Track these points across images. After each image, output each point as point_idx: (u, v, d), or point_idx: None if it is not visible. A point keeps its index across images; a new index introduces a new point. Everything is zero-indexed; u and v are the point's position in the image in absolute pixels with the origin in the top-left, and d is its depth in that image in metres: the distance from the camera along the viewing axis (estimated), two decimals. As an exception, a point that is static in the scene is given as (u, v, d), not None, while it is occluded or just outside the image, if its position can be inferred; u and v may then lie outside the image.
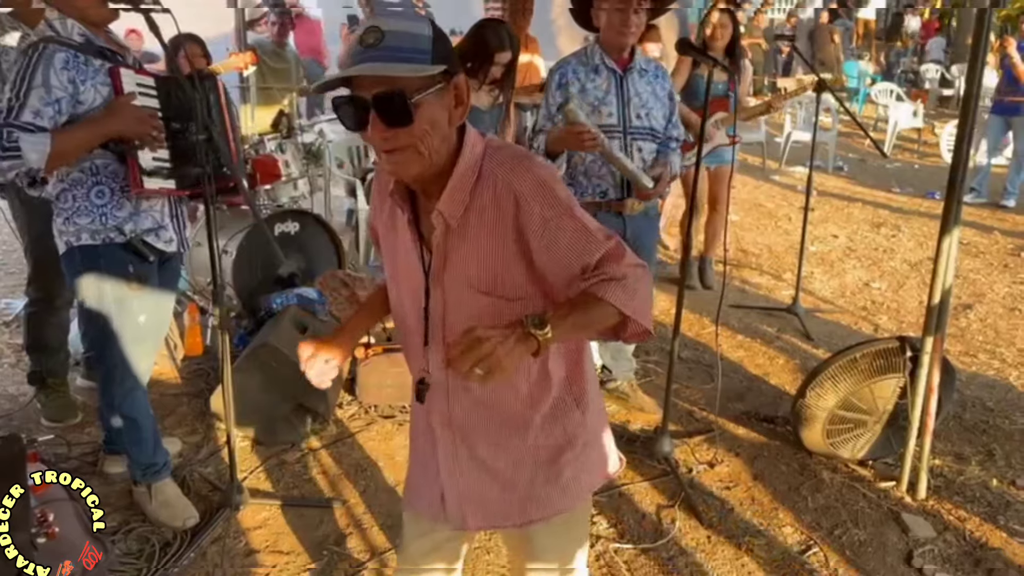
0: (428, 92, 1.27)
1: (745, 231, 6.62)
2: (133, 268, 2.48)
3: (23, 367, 3.65)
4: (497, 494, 1.57)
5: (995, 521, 2.83)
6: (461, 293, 1.42)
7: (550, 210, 1.34)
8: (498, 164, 1.36)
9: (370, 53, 1.24)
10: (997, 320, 4.81)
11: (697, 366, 4.04)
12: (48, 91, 2.19)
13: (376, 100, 1.25)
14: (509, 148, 1.41)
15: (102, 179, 2.40)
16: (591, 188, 3.07)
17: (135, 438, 2.69)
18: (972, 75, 2.64)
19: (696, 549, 2.66)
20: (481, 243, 1.37)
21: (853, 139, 10.89)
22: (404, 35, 1.25)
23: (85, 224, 2.41)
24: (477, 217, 1.36)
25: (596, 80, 3.03)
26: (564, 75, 3.04)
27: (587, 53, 3.07)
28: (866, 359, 2.97)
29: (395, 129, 1.28)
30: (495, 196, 1.35)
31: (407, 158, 1.31)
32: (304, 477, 3.03)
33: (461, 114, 1.35)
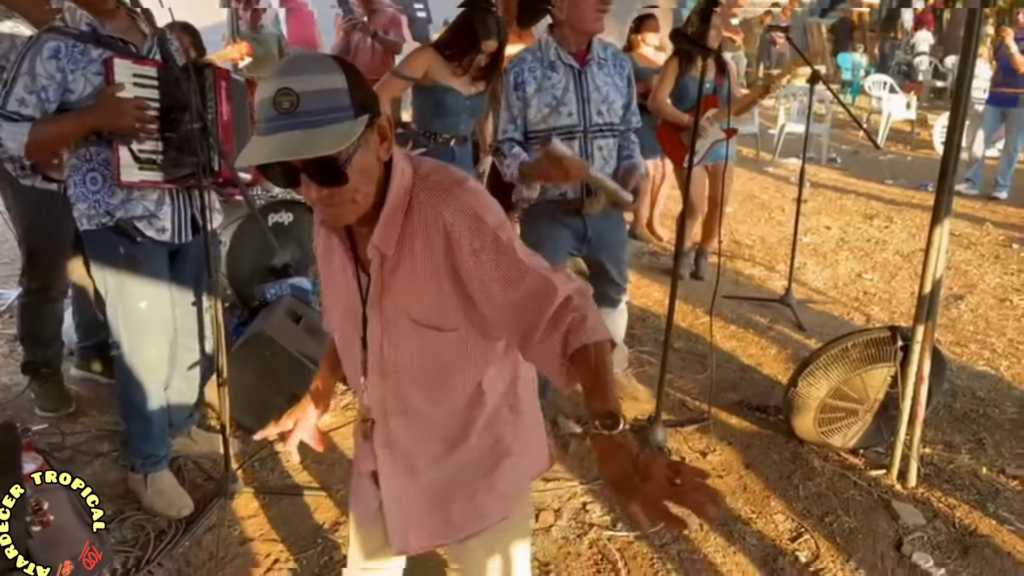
0: (356, 148, 1.24)
1: (739, 222, 6.64)
2: (124, 250, 2.48)
3: (17, 357, 3.65)
4: (438, 511, 1.57)
5: (984, 509, 2.85)
6: (398, 322, 1.41)
7: (479, 241, 1.31)
8: (427, 194, 1.33)
9: (286, 120, 1.19)
10: (988, 311, 4.84)
11: (690, 356, 4.06)
12: (33, 79, 2.21)
13: (306, 167, 1.23)
14: (438, 174, 1.37)
15: (95, 166, 2.40)
16: (551, 188, 2.93)
17: (140, 428, 2.70)
18: (964, 67, 2.65)
19: (688, 537, 2.68)
20: (415, 274, 1.36)
21: (847, 131, 10.92)
22: (320, 94, 1.20)
23: (84, 210, 2.44)
24: (409, 247, 1.34)
25: (553, 77, 2.85)
26: (520, 74, 2.85)
27: (541, 48, 2.88)
28: (857, 349, 2.99)
29: (329, 188, 1.26)
30: (425, 226, 1.32)
31: (343, 211, 1.30)
32: (298, 466, 3.04)
33: (387, 148, 1.32)
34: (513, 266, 1.33)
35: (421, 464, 1.55)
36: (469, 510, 1.56)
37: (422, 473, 1.55)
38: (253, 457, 3.07)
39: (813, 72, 4.53)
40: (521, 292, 1.32)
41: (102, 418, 3.31)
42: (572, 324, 1.31)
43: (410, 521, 1.59)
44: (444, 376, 1.46)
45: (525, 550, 1.72)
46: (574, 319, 1.31)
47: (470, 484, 1.55)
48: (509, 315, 1.35)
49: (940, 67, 14.68)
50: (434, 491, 1.56)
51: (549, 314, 1.32)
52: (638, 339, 4.26)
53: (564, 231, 3.02)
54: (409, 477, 1.56)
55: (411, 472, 1.56)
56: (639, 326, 4.43)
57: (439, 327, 1.39)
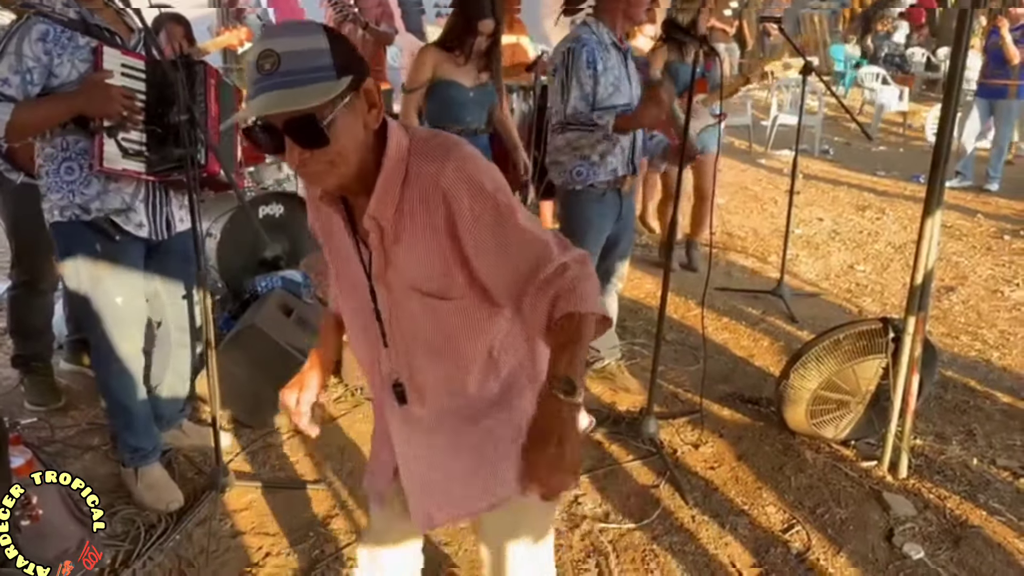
0: (339, 109, 1.23)
1: (731, 214, 6.64)
2: (100, 247, 2.46)
3: (6, 351, 3.63)
4: (460, 481, 1.57)
5: (975, 500, 2.86)
6: (405, 294, 1.40)
7: (479, 204, 1.30)
8: (424, 160, 1.32)
9: (270, 80, 1.19)
10: (979, 302, 4.85)
11: (682, 348, 4.06)
12: (19, 60, 2.20)
13: (287, 127, 1.22)
14: (435, 140, 1.35)
15: (72, 155, 2.38)
16: (604, 169, 3.07)
17: (123, 421, 2.69)
18: (955, 61, 2.65)
19: (680, 528, 2.68)
20: (416, 243, 1.35)
21: (839, 123, 10.92)
22: (301, 54, 1.20)
23: (56, 200, 2.41)
24: (409, 217, 1.33)
25: (610, 59, 3.00)
26: (591, 53, 2.94)
27: (595, 31, 3.01)
28: (849, 340, 2.99)
29: (311, 151, 1.24)
30: (424, 194, 1.31)
31: (321, 176, 1.29)
32: (290, 459, 3.03)
33: (376, 116, 1.30)
34: (513, 231, 1.33)
35: (442, 434, 1.54)
36: (492, 479, 1.55)
37: (444, 443, 1.55)
38: (244, 450, 3.06)
39: (806, 63, 4.52)
40: (518, 258, 1.33)
41: (92, 412, 3.29)
42: (562, 289, 1.31)
43: (433, 493, 1.59)
44: (454, 345, 1.45)
45: (550, 521, 1.72)
46: (565, 285, 1.31)
47: (493, 453, 1.54)
48: (505, 280, 1.35)
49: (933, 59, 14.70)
50: (457, 461, 1.55)
51: (541, 278, 1.32)
52: (630, 331, 4.25)
53: (607, 211, 3.17)
54: (431, 448, 1.56)
55: (433, 442, 1.56)
56: (631, 318, 4.43)
57: (443, 296, 1.38)
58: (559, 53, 3.04)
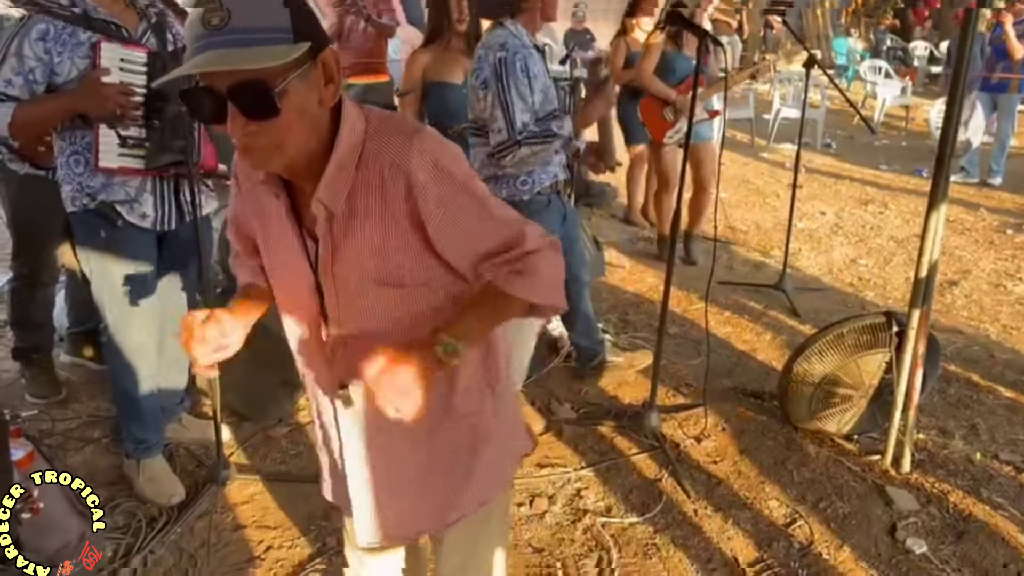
0: (292, 77, 1.10)
1: (733, 208, 6.62)
2: (105, 233, 2.46)
3: (7, 343, 3.62)
4: (413, 499, 1.47)
5: (978, 494, 2.85)
6: (359, 285, 1.28)
7: (445, 188, 1.21)
8: (384, 142, 1.20)
9: (217, 37, 1.05)
10: (982, 296, 4.84)
11: (684, 342, 4.05)
12: (20, 61, 2.21)
13: (232, 92, 1.08)
14: (395, 122, 1.24)
15: (79, 149, 2.38)
16: (547, 175, 2.94)
17: (130, 412, 2.69)
18: (961, 58, 2.63)
19: (683, 523, 2.68)
20: (372, 230, 1.23)
21: (842, 116, 10.89)
22: (255, 10, 1.07)
23: (68, 192, 2.43)
24: (363, 202, 1.21)
25: (536, 64, 2.81)
26: (523, 60, 2.73)
27: (515, 33, 2.79)
28: (852, 334, 2.98)
29: (258, 122, 1.11)
30: (382, 178, 1.20)
31: (265, 154, 1.15)
32: (291, 452, 3.02)
33: (333, 93, 1.17)
34: (484, 217, 1.27)
35: (397, 445, 1.42)
36: (447, 495, 1.47)
37: (399, 455, 1.43)
38: (245, 444, 3.05)
39: (809, 57, 4.50)
40: (487, 242, 1.28)
41: (93, 404, 3.28)
42: (520, 269, 1.29)
43: (383, 508, 1.48)
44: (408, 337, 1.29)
45: (505, 538, 1.68)
46: (524, 267, 1.29)
47: (449, 463, 1.45)
48: (470, 260, 1.30)
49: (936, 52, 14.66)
50: (411, 474, 1.45)
51: (504, 256, 1.29)
52: (632, 325, 4.25)
53: (554, 216, 3.08)
54: (384, 459, 1.44)
55: (386, 453, 1.44)
56: (633, 312, 4.42)
57: (402, 283, 1.28)
58: (486, 63, 2.75)
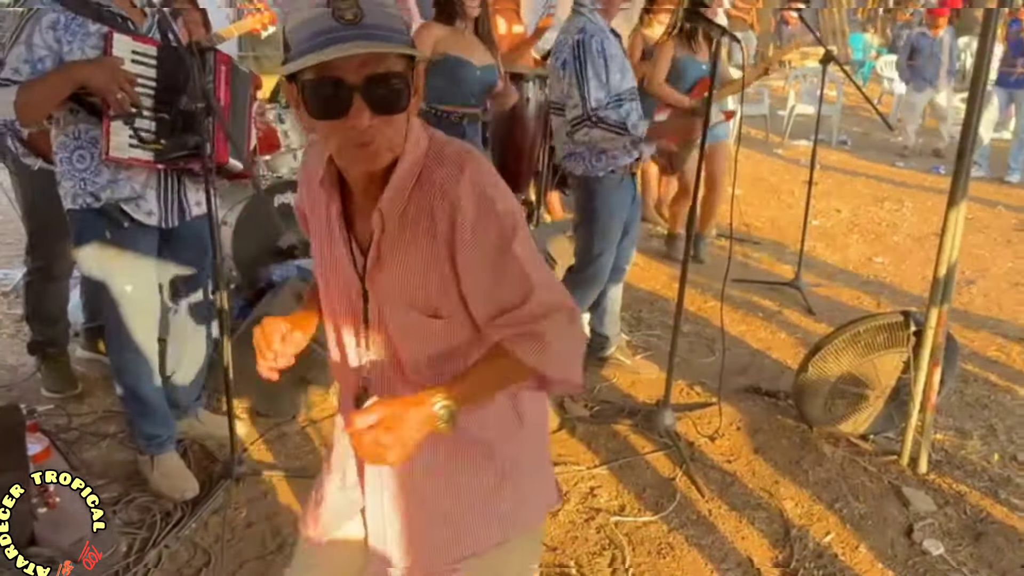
0: (412, 77, 1.15)
1: (748, 205, 6.58)
2: (111, 234, 2.46)
3: (23, 337, 3.64)
4: (428, 529, 1.43)
5: (996, 496, 2.83)
6: (395, 304, 1.29)
7: (484, 222, 1.19)
8: (439, 165, 1.21)
9: (352, 31, 1.07)
10: (1000, 295, 4.79)
11: (698, 340, 4.03)
12: (29, 49, 2.20)
13: (368, 82, 1.10)
14: (453, 147, 1.24)
15: (83, 144, 2.37)
16: (629, 155, 3.13)
17: (137, 409, 2.69)
18: (981, 56, 2.60)
19: (697, 522, 2.66)
20: (412, 253, 1.24)
21: (858, 112, 10.81)
22: (383, 12, 1.11)
23: (68, 188, 2.41)
24: (413, 221, 1.22)
25: (612, 46, 3.04)
26: (600, 42, 2.98)
27: (592, 19, 3.03)
28: (869, 333, 2.95)
29: (381, 117, 1.13)
30: (429, 201, 1.20)
31: (379, 150, 1.17)
32: (304, 449, 3.03)
33: (417, 102, 1.21)
34: (510, 260, 1.22)
35: (418, 470, 1.38)
36: (463, 529, 1.42)
37: (417, 481, 1.40)
38: (259, 439, 3.06)
39: (826, 53, 4.46)
40: (507, 287, 1.23)
41: (108, 399, 3.29)
42: (531, 334, 1.23)
43: (394, 536, 1.44)
44: (438, 368, 1.32)
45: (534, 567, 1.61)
46: (536, 331, 1.23)
47: (468, 499, 1.41)
48: (486, 304, 1.26)
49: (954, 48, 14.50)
50: (427, 504, 1.41)
51: (517, 313, 1.23)
52: (646, 323, 4.23)
53: (626, 196, 3.24)
54: (400, 485, 1.41)
55: (404, 480, 1.40)
56: (647, 309, 4.40)
57: (427, 312, 1.28)
58: (565, 46, 3.01)
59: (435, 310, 1.27)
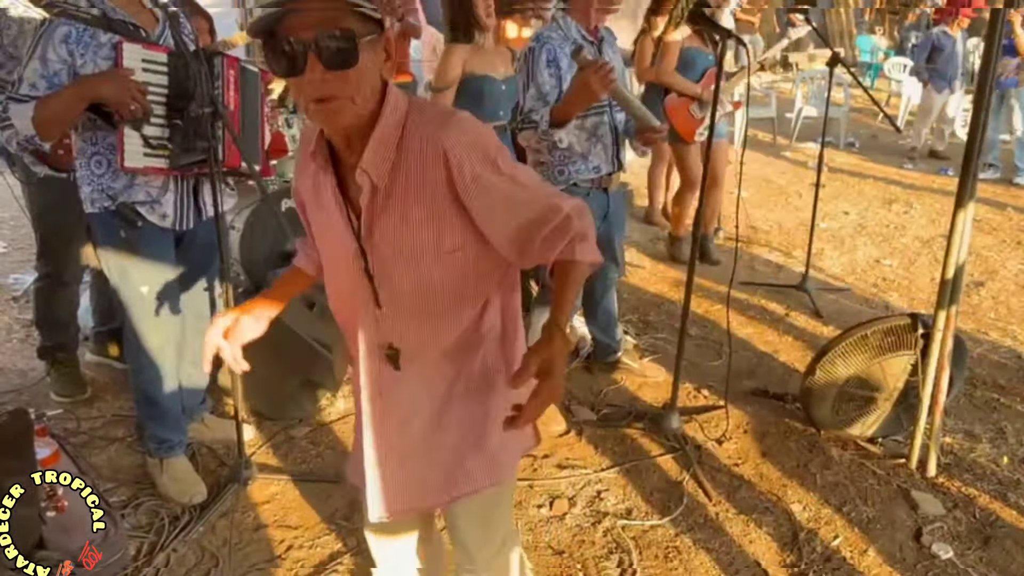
0: (369, 37, 1.23)
1: (755, 208, 6.57)
2: (125, 234, 2.48)
3: (33, 342, 3.66)
4: (419, 474, 1.54)
5: (1005, 499, 2.81)
6: (393, 254, 1.38)
7: (480, 166, 1.31)
8: (425, 121, 1.32)
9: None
10: (1009, 298, 4.76)
11: (705, 343, 4.02)
12: (44, 64, 2.23)
13: (318, 40, 1.19)
14: (436, 107, 1.38)
15: (100, 150, 2.40)
16: (586, 167, 2.98)
17: (150, 413, 2.71)
18: (988, 58, 2.59)
19: (704, 525, 2.66)
20: (410, 205, 1.34)
21: (865, 115, 10.78)
22: None
23: (88, 193, 2.44)
24: (404, 177, 1.32)
25: None
26: (551, 51, 2.85)
27: (561, 27, 2.94)
28: (877, 336, 2.94)
29: (334, 73, 1.21)
30: (421, 155, 1.30)
31: (340, 106, 1.25)
32: (312, 452, 3.04)
33: (390, 68, 1.31)
34: (516, 189, 1.35)
35: (417, 418, 1.51)
36: (455, 467, 1.53)
37: (416, 428, 1.52)
38: (267, 443, 3.07)
39: (833, 55, 4.46)
40: (524, 215, 1.36)
41: (117, 403, 3.31)
42: (572, 237, 1.38)
43: (392, 477, 1.55)
44: (441, 305, 1.44)
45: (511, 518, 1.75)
46: (573, 234, 1.38)
47: (458, 439, 1.52)
48: (511, 236, 1.38)
49: (963, 49, 14.44)
50: (424, 448, 1.52)
51: (547, 231, 1.36)
52: (653, 326, 4.22)
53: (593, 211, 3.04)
54: (403, 429, 1.53)
55: (406, 424, 1.52)
56: (654, 312, 4.40)
57: (437, 250, 1.38)
58: (521, 53, 2.99)
59: (436, 248, 1.38)
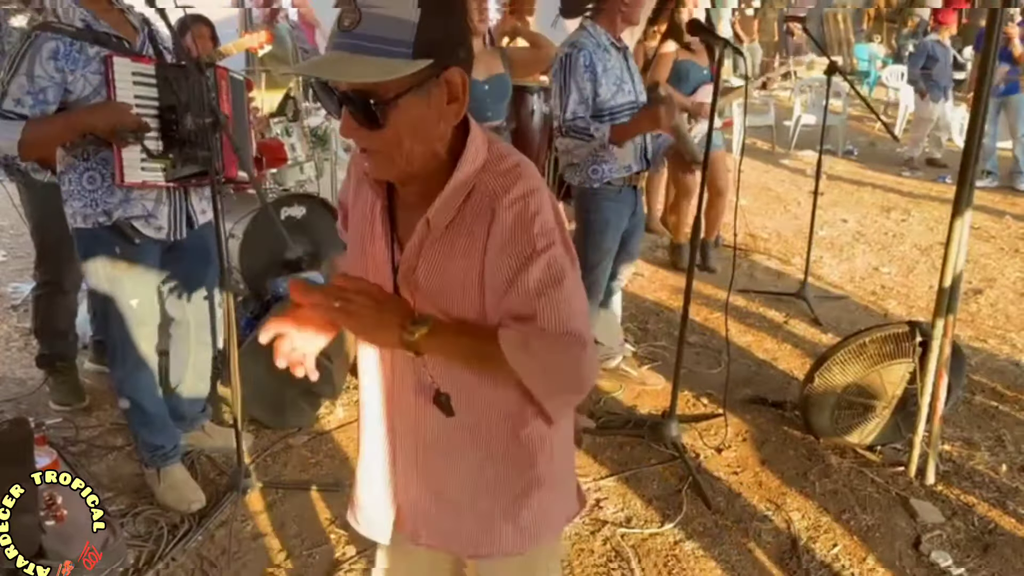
0: (407, 92, 1.11)
1: (753, 215, 6.58)
2: (120, 250, 2.48)
3: (31, 351, 3.66)
4: (449, 518, 1.45)
5: (1004, 507, 2.81)
6: (424, 299, 1.28)
7: (516, 234, 1.18)
8: (493, 180, 1.20)
9: (345, 39, 1.09)
10: (1008, 305, 4.77)
11: (704, 351, 4.03)
12: (31, 80, 2.20)
13: (344, 97, 1.13)
14: (511, 160, 1.23)
15: (93, 165, 2.39)
16: (619, 166, 3.10)
17: (139, 420, 2.71)
18: (985, 63, 2.61)
19: (703, 533, 2.66)
20: (451, 264, 1.23)
21: (863, 123, 10.80)
22: (384, 20, 1.08)
23: (78, 208, 2.42)
24: (456, 235, 1.22)
25: (610, 60, 3.05)
26: (587, 57, 2.98)
27: (592, 33, 3.05)
28: (875, 344, 2.95)
29: (366, 129, 1.15)
30: (476, 215, 1.20)
31: (379, 162, 1.19)
32: (311, 461, 3.03)
33: (457, 111, 1.18)
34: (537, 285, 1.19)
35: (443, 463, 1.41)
36: (482, 528, 1.43)
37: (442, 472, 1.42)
38: (266, 452, 3.07)
39: (830, 63, 4.48)
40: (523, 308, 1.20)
41: (116, 412, 3.30)
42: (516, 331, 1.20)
43: (419, 511, 1.47)
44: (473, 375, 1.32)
45: None
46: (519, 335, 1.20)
47: (491, 502, 1.41)
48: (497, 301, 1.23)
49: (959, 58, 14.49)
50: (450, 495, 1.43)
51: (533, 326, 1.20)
52: (652, 333, 4.23)
53: (624, 208, 3.23)
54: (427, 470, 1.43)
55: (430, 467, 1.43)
56: (653, 320, 4.40)
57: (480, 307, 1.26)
58: (557, 59, 3.07)
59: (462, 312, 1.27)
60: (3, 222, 5.70)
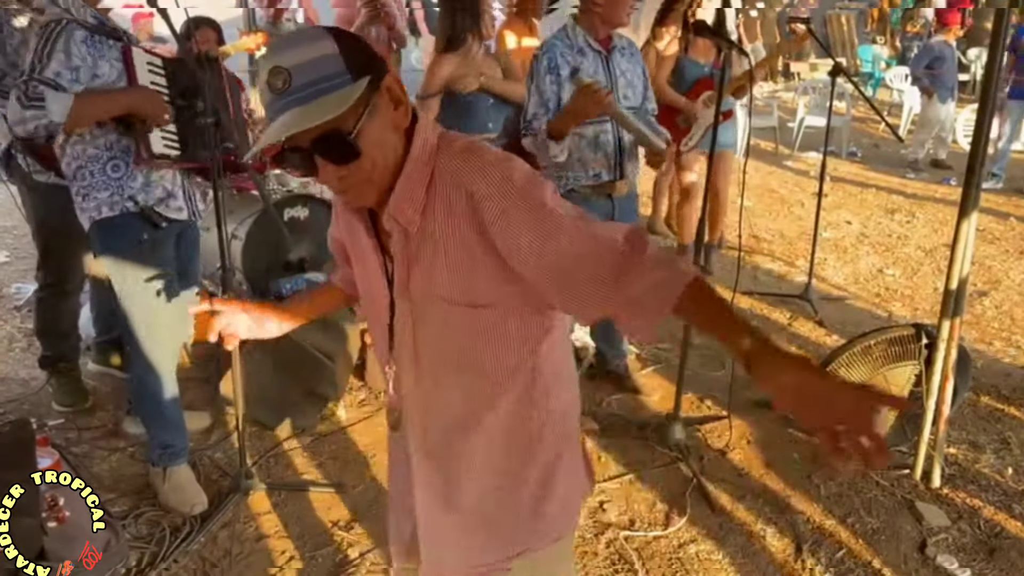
0: (363, 114, 1.15)
1: (757, 217, 6.56)
2: (147, 235, 2.54)
3: (34, 352, 3.66)
4: (478, 533, 1.43)
5: (1010, 510, 2.80)
6: (431, 304, 1.28)
7: (506, 200, 1.18)
8: (449, 159, 1.22)
9: (285, 99, 1.12)
10: (1013, 307, 4.75)
11: (709, 353, 4.01)
12: (68, 57, 2.30)
13: (315, 146, 1.14)
14: (463, 140, 1.25)
15: (116, 154, 2.47)
16: (585, 174, 3.01)
17: (157, 417, 2.72)
18: (992, 64, 2.59)
19: (707, 536, 2.64)
20: (440, 248, 1.23)
21: (867, 124, 10.78)
22: (312, 63, 1.12)
23: (104, 198, 2.48)
24: (435, 221, 1.22)
25: (584, 62, 2.96)
26: (553, 59, 2.91)
27: (569, 35, 2.98)
28: (880, 346, 2.94)
29: (346, 166, 1.17)
30: (446, 194, 1.21)
31: (360, 190, 1.22)
32: (314, 462, 3.03)
33: (404, 113, 1.21)
34: (548, 222, 1.18)
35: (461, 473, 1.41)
36: (512, 531, 1.43)
37: (463, 494, 1.41)
38: (269, 454, 3.06)
39: (835, 64, 4.46)
40: (564, 251, 1.17)
41: (119, 413, 3.30)
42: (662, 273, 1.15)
43: (441, 539, 1.47)
44: (484, 367, 1.32)
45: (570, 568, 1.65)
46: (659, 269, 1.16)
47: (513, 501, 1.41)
48: (556, 278, 1.19)
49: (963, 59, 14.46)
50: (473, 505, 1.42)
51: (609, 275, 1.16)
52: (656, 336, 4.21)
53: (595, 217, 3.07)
54: (445, 487, 1.42)
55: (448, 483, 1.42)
56: (657, 322, 4.38)
57: (472, 303, 1.26)
58: (532, 60, 3.03)
59: (472, 299, 1.26)
60: (7, 223, 5.71)
